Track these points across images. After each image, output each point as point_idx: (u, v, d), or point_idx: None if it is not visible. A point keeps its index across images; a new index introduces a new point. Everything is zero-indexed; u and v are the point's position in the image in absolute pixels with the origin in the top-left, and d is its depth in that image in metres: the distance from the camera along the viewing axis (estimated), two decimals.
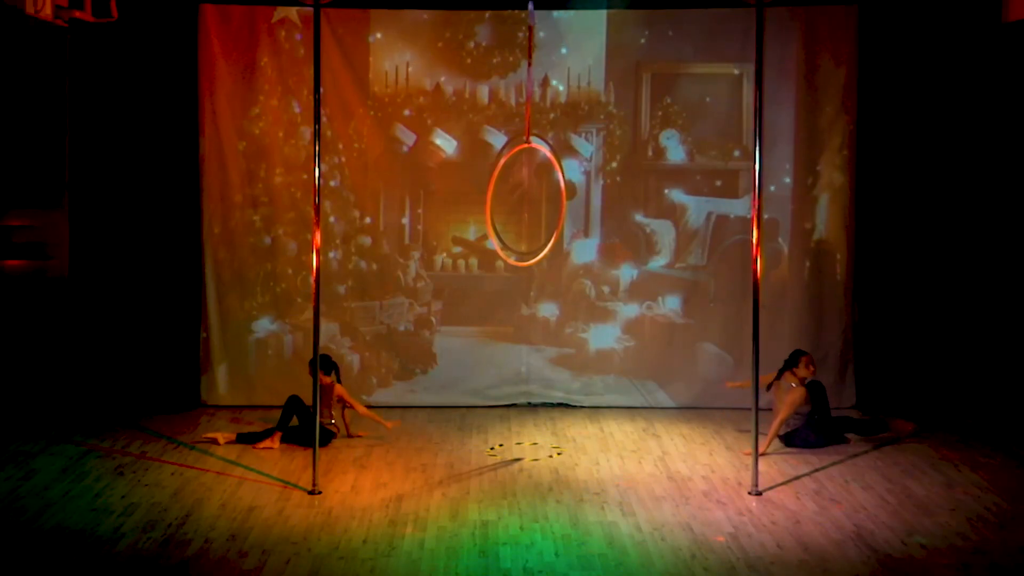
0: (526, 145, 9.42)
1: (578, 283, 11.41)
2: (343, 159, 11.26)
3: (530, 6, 9.39)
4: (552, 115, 11.22)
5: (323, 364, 9.61)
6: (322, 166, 8.81)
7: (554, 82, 11.22)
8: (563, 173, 9.62)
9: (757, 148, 8.62)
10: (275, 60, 11.12)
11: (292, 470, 9.18)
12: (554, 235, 9.63)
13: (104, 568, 7.18)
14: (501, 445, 9.97)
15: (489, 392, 11.39)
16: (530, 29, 9.51)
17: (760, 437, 8.76)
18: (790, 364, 9.91)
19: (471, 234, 11.41)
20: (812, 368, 9.90)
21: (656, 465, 9.46)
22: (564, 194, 9.61)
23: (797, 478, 9.03)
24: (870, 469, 9.27)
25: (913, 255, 11.05)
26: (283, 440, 9.85)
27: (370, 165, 11.30)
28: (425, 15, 11.21)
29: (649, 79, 11.29)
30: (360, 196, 11.32)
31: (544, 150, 9.94)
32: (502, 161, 9.55)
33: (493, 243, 9.55)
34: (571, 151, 11.23)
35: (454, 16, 11.18)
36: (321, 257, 8.85)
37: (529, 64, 9.50)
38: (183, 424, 10.62)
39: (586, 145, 11.30)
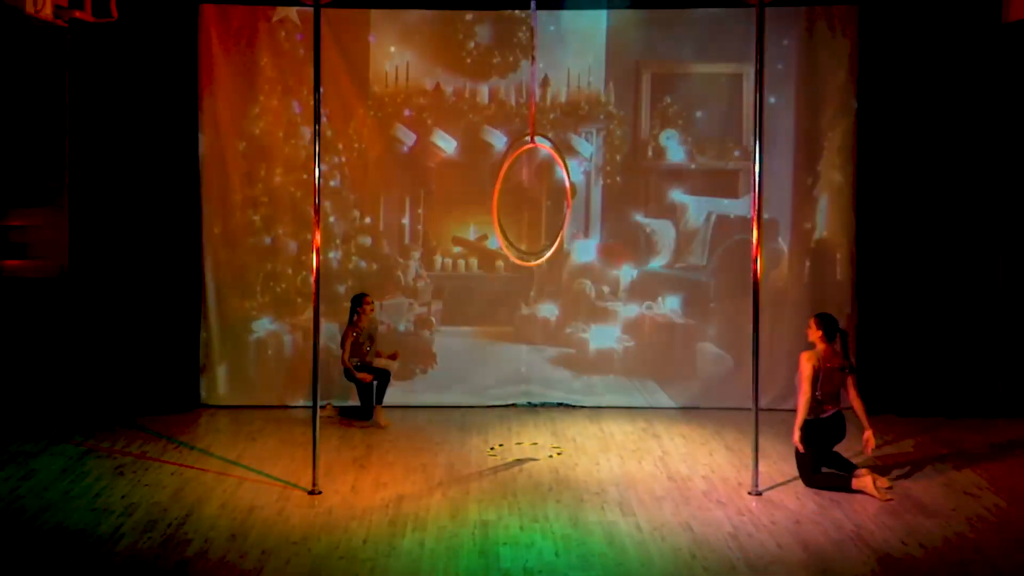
0: (531, 145, 9.43)
1: (578, 283, 11.41)
2: (343, 159, 11.26)
3: (532, 5, 9.39)
4: (552, 115, 11.22)
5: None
6: (322, 166, 8.80)
7: (554, 82, 11.22)
8: (568, 172, 9.62)
9: (757, 148, 8.62)
10: (275, 60, 11.12)
11: (292, 470, 9.18)
12: (560, 233, 9.64)
13: (104, 568, 7.18)
14: (501, 445, 9.97)
15: (489, 392, 11.39)
16: (532, 29, 9.51)
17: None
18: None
19: (471, 234, 11.41)
20: (814, 331, 8.79)
21: (656, 465, 9.46)
22: (570, 192, 9.61)
23: (797, 478, 9.02)
24: (870, 469, 9.26)
25: (913, 255, 11.05)
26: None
27: (370, 165, 11.30)
28: (425, 15, 11.21)
29: (649, 79, 11.29)
30: (360, 196, 11.32)
31: (549, 150, 9.95)
32: (508, 161, 9.54)
33: (499, 242, 9.54)
34: (571, 151, 11.22)
35: (454, 16, 11.18)
36: (321, 257, 8.85)
37: (532, 63, 9.51)
38: (183, 424, 10.62)
39: (586, 145, 11.30)
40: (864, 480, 8.57)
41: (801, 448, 8.66)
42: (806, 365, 8.65)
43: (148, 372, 11.00)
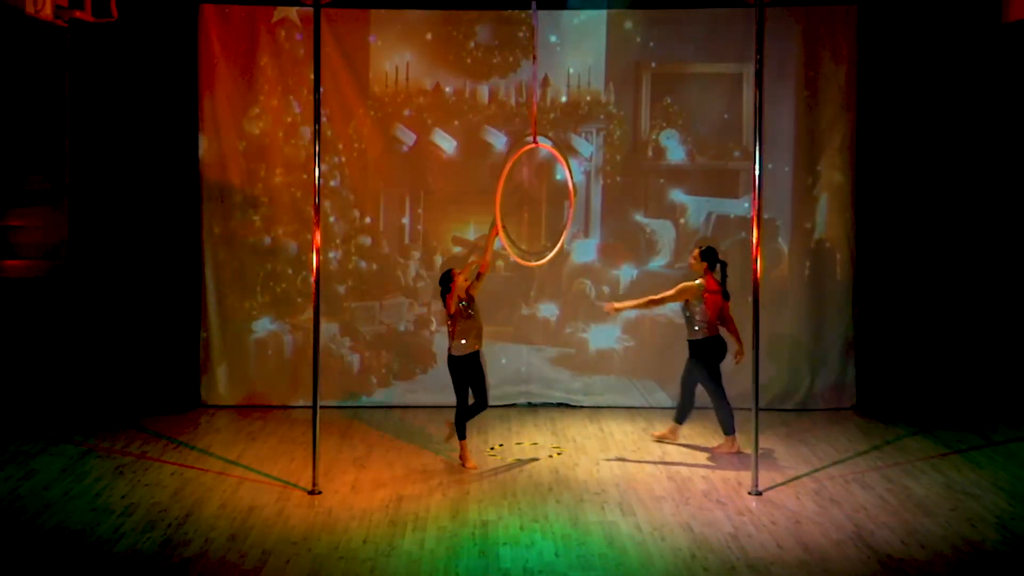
0: (533, 145, 9.44)
1: (578, 283, 11.40)
2: (343, 159, 11.26)
3: (533, 6, 9.40)
4: (552, 115, 11.22)
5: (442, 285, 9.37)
6: (322, 166, 8.80)
7: (554, 82, 11.22)
8: (571, 172, 9.62)
9: (757, 148, 8.63)
10: (275, 60, 11.12)
11: (292, 470, 9.18)
12: (563, 234, 9.66)
13: (104, 568, 7.19)
14: (501, 445, 9.97)
15: (489, 392, 11.35)
16: (533, 29, 9.51)
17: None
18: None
19: (471, 234, 11.40)
20: (699, 263, 9.66)
21: (656, 465, 9.46)
22: (572, 192, 9.63)
23: (797, 478, 9.03)
24: (870, 469, 9.27)
25: (913, 255, 11.05)
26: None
27: (370, 165, 11.30)
28: (425, 15, 11.20)
29: (649, 79, 11.29)
30: (360, 196, 11.32)
31: (551, 149, 9.97)
32: (511, 162, 9.53)
33: (503, 243, 9.52)
34: (571, 151, 11.22)
35: (454, 16, 11.18)
36: (321, 257, 8.85)
37: (534, 63, 9.52)
38: (183, 424, 10.62)
39: (586, 145, 11.30)
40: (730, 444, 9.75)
41: (613, 309, 9.89)
42: (680, 289, 9.61)
43: (148, 372, 11.00)
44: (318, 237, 8.67)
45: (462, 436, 9.38)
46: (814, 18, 11.11)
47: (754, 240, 8.64)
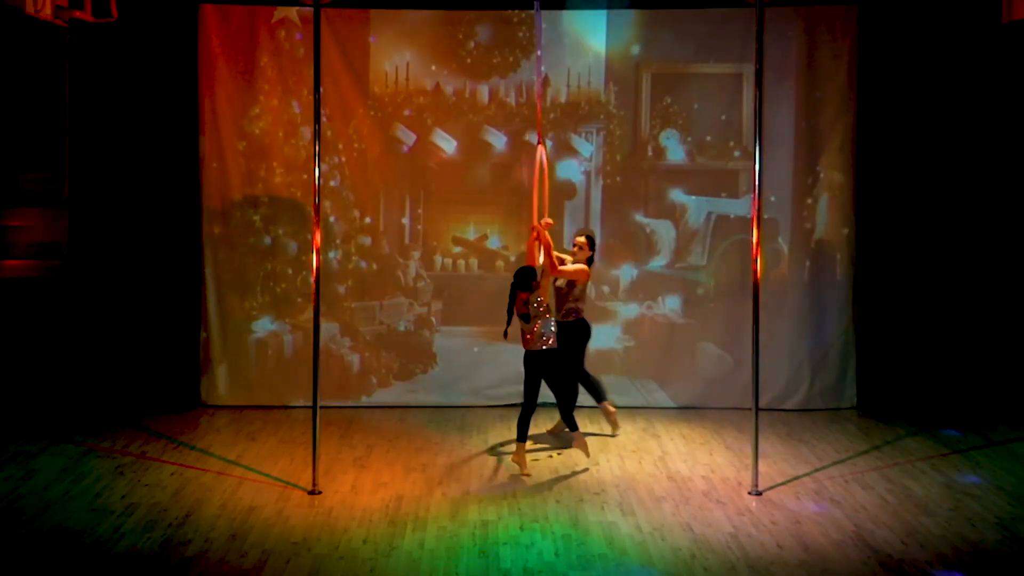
0: (539, 145, 9.43)
1: None
2: (343, 159, 11.26)
3: (536, 6, 9.41)
4: (552, 115, 11.22)
5: (522, 282, 9.21)
6: (322, 166, 8.80)
7: (554, 82, 11.22)
8: (549, 178, 9.57)
9: (757, 148, 8.63)
10: (275, 60, 11.12)
11: (292, 470, 9.18)
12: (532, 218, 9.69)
13: (104, 568, 7.19)
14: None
15: (489, 392, 11.38)
16: (536, 29, 9.51)
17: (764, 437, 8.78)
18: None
19: (471, 234, 11.40)
20: (586, 251, 9.91)
21: (656, 465, 9.46)
22: (546, 199, 9.52)
23: (797, 478, 9.03)
24: (870, 469, 9.27)
25: (913, 255, 11.05)
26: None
27: (370, 165, 11.30)
28: (425, 15, 11.21)
29: (649, 79, 11.29)
30: (360, 196, 11.32)
31: (543, 151, 9.95)
32: (536, 169, 9.44)
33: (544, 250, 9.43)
34: (571, 151, 11.23)
35: (454, 16, 11.18)
36: (321, 257, 8.85)
37: (538, 61, 9.51)
38: (183, 424, 10.62)
39: (586, 145, 11.30)
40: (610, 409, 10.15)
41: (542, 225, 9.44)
42: (579, 270, 9.71)
43: (148, 372, 11.00)
44: (318, 237, 8.67)
45: (574, 427, 9.43)
46: (814, 18, 11.11)
47: (754, 240, 8.64)
